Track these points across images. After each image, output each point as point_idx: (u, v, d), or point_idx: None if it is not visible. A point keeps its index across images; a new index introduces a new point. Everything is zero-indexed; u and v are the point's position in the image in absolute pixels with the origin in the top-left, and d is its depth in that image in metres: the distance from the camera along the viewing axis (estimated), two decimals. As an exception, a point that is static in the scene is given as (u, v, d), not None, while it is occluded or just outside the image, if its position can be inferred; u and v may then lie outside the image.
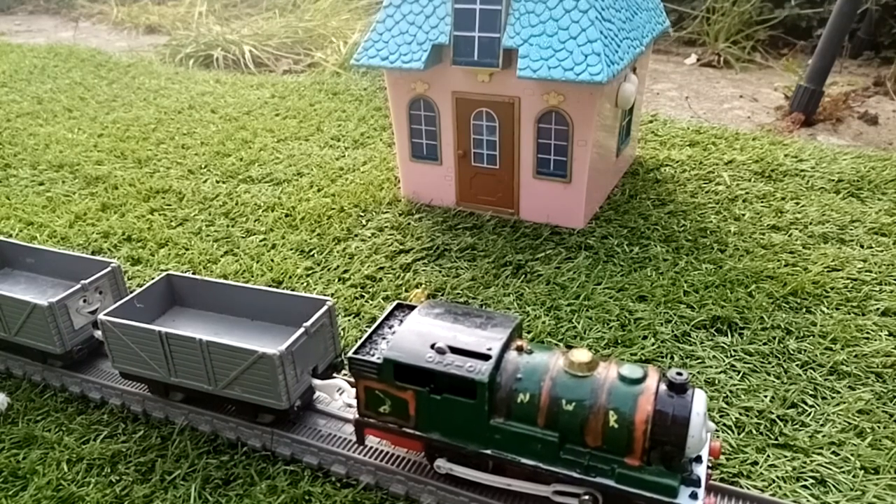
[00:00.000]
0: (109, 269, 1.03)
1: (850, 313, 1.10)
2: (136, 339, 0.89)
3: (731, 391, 0.96)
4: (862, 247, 1.28)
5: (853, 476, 0.83)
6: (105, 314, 0.91)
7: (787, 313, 1.10)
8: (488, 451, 0.75)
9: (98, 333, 0.97)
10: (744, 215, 1.40)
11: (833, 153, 1.66)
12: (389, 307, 0.88)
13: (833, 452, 0.86)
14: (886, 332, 1.05)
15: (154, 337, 0.88)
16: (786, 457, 0.85)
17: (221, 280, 1.03)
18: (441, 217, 1.45)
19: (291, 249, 1.36)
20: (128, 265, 1.34)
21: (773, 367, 1.00)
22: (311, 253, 1.35)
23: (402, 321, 0.84)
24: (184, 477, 0.86)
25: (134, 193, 1.63)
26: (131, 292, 1.01)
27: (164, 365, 0.89)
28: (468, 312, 0.82)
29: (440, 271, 1.26)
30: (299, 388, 0.88)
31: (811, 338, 1.05)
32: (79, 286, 0.98)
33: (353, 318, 1.15)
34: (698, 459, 0.72)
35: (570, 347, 1.05)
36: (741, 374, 0.99)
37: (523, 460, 0.74)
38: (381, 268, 1.28)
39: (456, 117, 1.37)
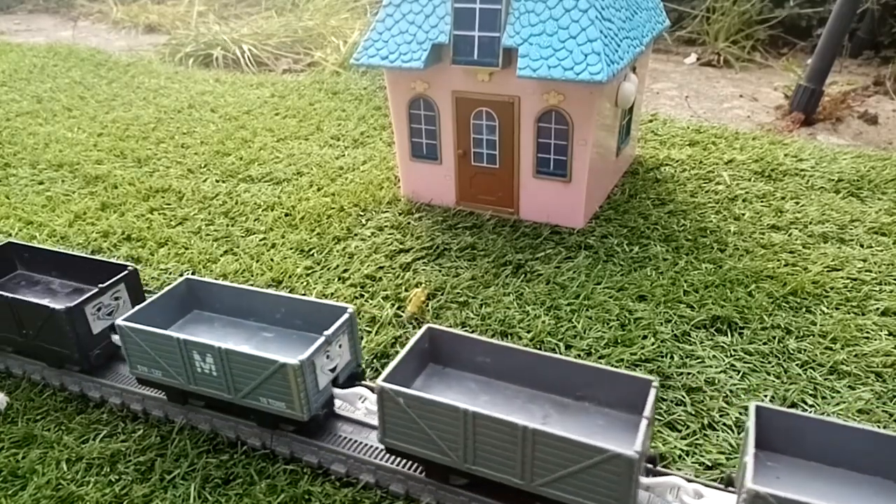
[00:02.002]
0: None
1: (850, 313, 1.10)
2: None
3: (731, 391, 0.96)
4: (862, 246, 1.28)
5: (853, 476, 0.82)
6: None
7: (787, 313, 1.10)
8: None
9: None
10: (744, 215, 1.40)
11: (833, 153, 1.66)
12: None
13: (833, 452, 0.86)
14: (886, 332, 1.05)
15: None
16: (786, 456, 0.85)
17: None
18: (441, 216, 1.45)
19: (291, 249, 1.36)
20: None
21: (773, 366, 1.00)
22: (311, 252, 1.35)
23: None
24: (183, 476, 0.86)
25: (133, 193, 1.63)
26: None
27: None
28: None
29: (440, 271, 1.26)
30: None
31: (811, 337, 1.05)
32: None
33: (353, 317, 1.15)
34: None
35: (569, 347, 1.05)
36: (741, 373, 0.99)
37: None
38: (381, 267, 1.28)
39: (456, 117, 1.37)
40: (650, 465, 0.76)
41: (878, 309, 1.11)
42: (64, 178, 1.73)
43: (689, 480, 0.75)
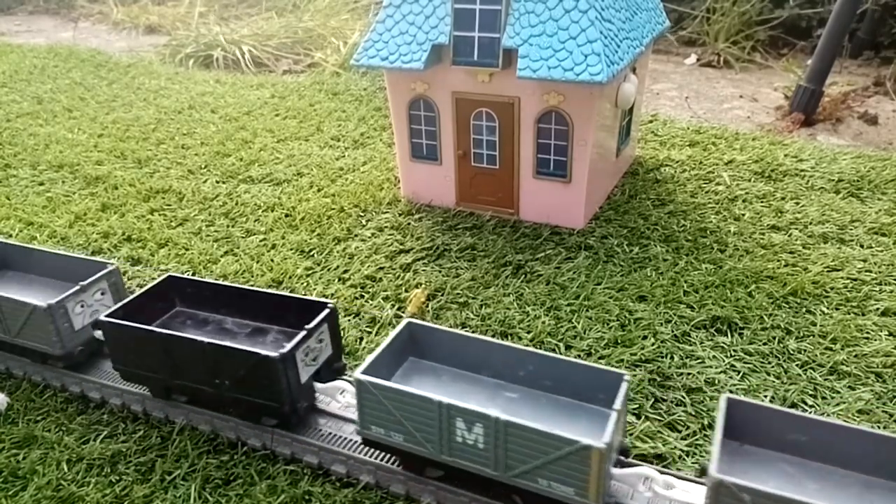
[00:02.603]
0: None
1: (850, 313, 1.10)
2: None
3: (730, 391, 0.96)
4: (862, 247, 1.28)
5: (853, 476, 0.82)
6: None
7: (787, 313, 1.10)
8: None
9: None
10: (744, 215, 1.40)
11: (833, 153, 1.66)
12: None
13: (833, 452, 0.86)
14: (886, 332, 1.05)
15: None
16: (786, 457, 0.85)
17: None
18: (441, 217, 1.45)
19: (291, 249, 1.36)
20: (128, 265, 1.34)
21: (773, 367, 1.00)
22: (311, 253, 1.35)
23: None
24: (184, 477, 0.86)
25: (134, 193, 1.63)
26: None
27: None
28: None
29: (440, 271, 1.26)
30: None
31: (811, 338, 1.05)
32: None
33: (353, 318, 1.15)
34: None
35: (569, 347, 1.05)
36: (741, 374, 0.99)
37: None
38: (381, 268, 1.28)
39: (456, 117, 1.37)
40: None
41: (878, 309, 1.11)
42: (64, 179, 1.73)
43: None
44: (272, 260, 1.32)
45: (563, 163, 1.33)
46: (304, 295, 1.10)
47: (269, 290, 0.99)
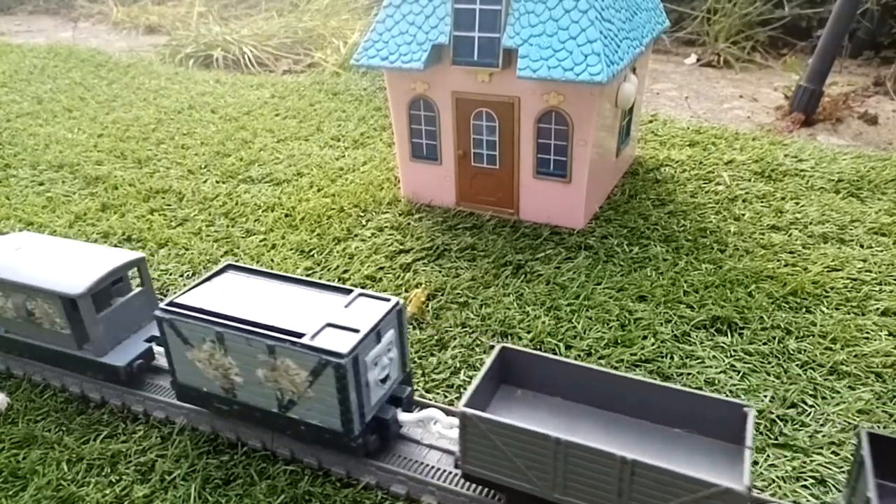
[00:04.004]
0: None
1: (850, 313, 1.10)
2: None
3: (731, 391, 0.96)
4: (862, 247, 1.28)
5: (853, 476, 0.82)
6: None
7: (787, 313, 1.10)
8: None
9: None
10: (744, 215, 1.40)
11: (833, 153, 1.66)
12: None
13: (833, 452, 0.86)
14: (886, 332, 1.05)
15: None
16: (786, 457, 0.85)
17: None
18: (441, 217, 1.45)
19: (291, 249, 1.36)
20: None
21: (772, 367, 1.00)
22: (311, 253, 1.35)
23: None
24: (184, 477, 0.86)
25: (134, 193, 1.63)
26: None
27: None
28: None
29: (440, 271, 1.26)
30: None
31: (811, 338, 1.05)
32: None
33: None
34: None
35: (569, 347, 1.05)
36: (741, 374, 0.99)
37: None
38: (381, 268, 1.28)
39: (456, 117, 1.37)
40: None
41: (878, 309, 1.11)
42: (64, 179, 1.73)
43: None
44: (272, 260, 1.32)
45: (563, 163, 1.33)
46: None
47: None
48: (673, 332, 1.07)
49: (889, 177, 1.53)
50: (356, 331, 0.78)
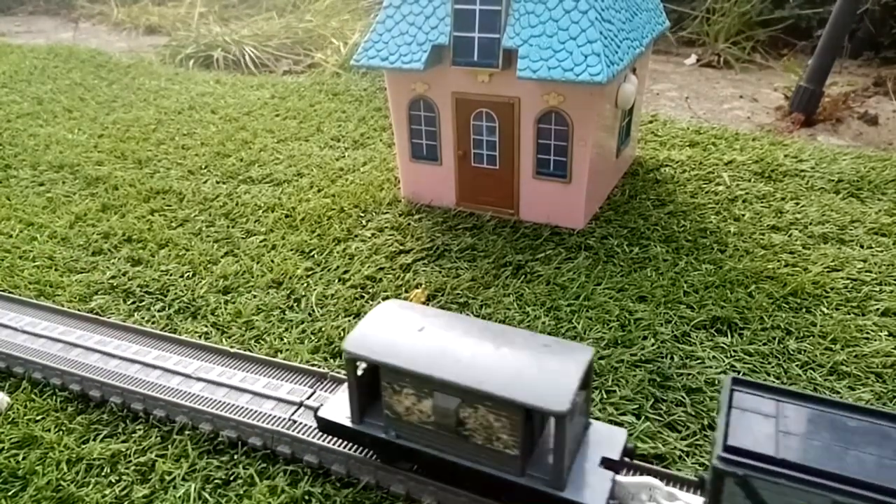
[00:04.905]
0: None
1: (850, 313, 1.10)
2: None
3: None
4: (862, 247, 1.28)
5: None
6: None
7: (787, 313, 1.10)
8: None
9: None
10: (744, 216, 1.40)
11: (833, 153, 1.66)
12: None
13: (833, 452, 0.86)
14: (886, 333, 1.05)
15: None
16: (786, 457, 0.85)
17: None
18: (441, 217, 1.45)
19: (291, 250, 1.36)
20: (128, 266, 1.34)
21: (773, 367, 1.00)
22: (312, 253, 1.35)
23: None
24: (184, 477, 0.86)
25: (134, 194, 1.63)
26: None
27: None
28: None
29: (440, 272, 1.26)
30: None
31: (811, 338, 1.05)
32: None
33: (354, 318, 1.15)
34: None
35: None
36: (741, 374, 0.99)
37: None
38: (382, 268, 1.28)
39: (456, 118, 1.37)
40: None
41: (878, 309, 1.11)
42: (64, 180, 1.73)
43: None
44: (272, 261, 1.33)
45: (563, 163, 1.33)
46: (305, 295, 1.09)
47: None
48: (673, 332, 1.07)
49: (889, 177, 1.53)
50: None
